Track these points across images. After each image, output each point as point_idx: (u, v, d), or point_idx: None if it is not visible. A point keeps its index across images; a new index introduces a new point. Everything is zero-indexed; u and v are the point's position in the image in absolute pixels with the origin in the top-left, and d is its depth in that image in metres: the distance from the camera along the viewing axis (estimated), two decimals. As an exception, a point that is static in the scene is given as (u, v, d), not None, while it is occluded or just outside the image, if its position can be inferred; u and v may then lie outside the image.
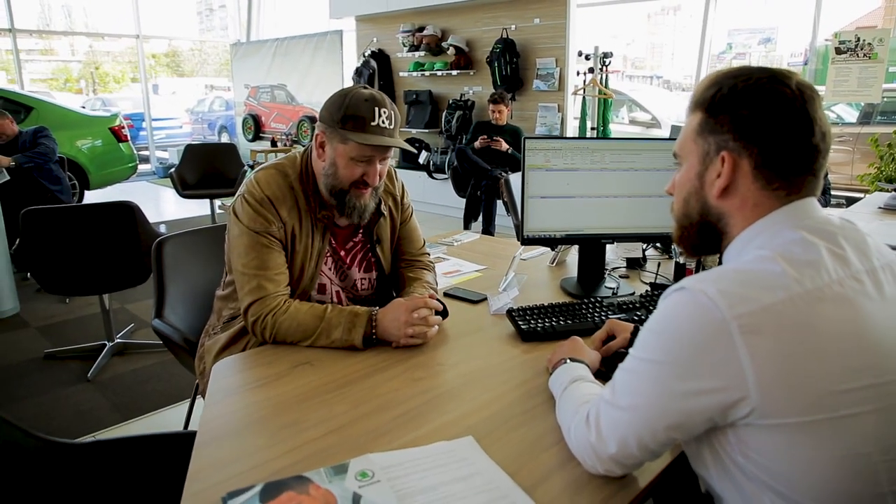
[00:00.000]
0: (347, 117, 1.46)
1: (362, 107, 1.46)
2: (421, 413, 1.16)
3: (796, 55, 13.78)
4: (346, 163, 1.50)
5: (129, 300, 4.04)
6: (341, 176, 1.52)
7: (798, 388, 0.75)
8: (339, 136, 1.48)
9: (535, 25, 6.01)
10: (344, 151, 1.49)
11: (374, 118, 1.46)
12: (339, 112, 1.47)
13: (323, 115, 1.52)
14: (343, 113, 1.46)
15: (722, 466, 0.86)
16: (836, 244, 0.84)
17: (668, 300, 0.85)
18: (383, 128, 1.48)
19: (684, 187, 0.98)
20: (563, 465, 1.00)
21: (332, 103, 1.50)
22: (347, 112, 1.46)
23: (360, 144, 1.46)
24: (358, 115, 1.46)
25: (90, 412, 2.68)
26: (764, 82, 0.87)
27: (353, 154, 1.49)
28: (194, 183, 5.85)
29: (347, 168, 1.50)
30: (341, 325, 1.43)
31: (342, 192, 1.53)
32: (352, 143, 1.47)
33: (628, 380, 0.88)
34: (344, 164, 1.50)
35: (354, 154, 1.49)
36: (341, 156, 1.50)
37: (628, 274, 2.02)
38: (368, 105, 1.46)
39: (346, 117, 1.46)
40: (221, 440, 1.08)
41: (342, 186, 1.53)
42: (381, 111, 1.47)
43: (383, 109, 1.48)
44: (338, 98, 1.49)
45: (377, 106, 1.47)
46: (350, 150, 1.48)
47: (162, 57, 20.33)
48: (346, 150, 1.49)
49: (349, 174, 1.51)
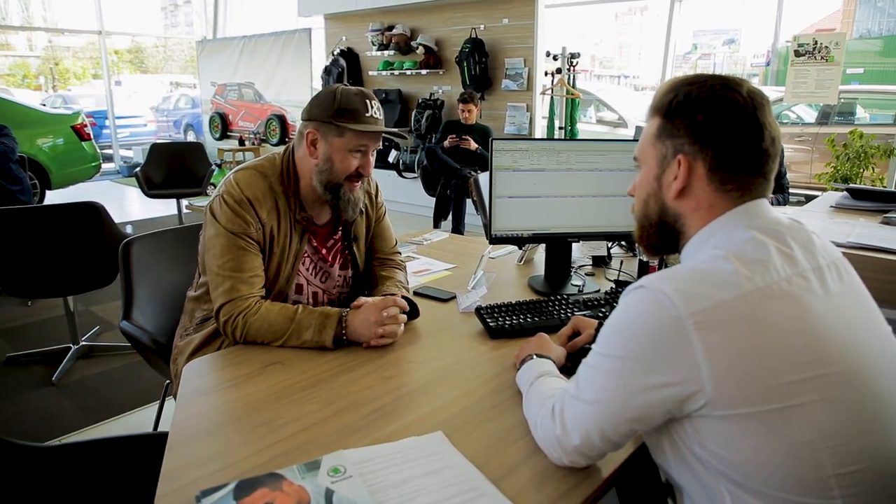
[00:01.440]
0: (343, 110, 1.51)
1: (354, 100, 1.53)
2: (392, 410, 1.19)
3: (759, 56, 14.13)
4: (343, 156, 1.54)
5: (94, 302, 3.97)
6: (337, 170, 1.55)
7: (749, 380, 0.80)
8: (334, 129, 1.53)
9: (503, 25, 6.06)
10: (341, 144, 1.53)
11: (367, 110, 1.53)
12: (333, 107, 1.52)
13: (313, 112, 1.55)
14: (337, 107, 1.52)
15: (680, 456, 0.90)
16: (785, 243, 0.89)
17: (628, 298, 0.88)
18: (376, 118, 1.55)
19: (643, 189, 1.03)
20: (530, 457, 1.03)
21: (323, 100, 1.54)
22: (342, 105, 1.52)
23: (358, 133, 1.52)
24: (352, 107, 1.52)
25: (56, 416, 2.64)
26: (717, 89, 0.92)
27: (350, 145, 1.53)
28: (160, 182, 5.77)
29: (344, 161, 1.55)
30: (312, 326, 1.44)
31: (337, 186, 1.57)
32: (349, 134, 1.52)
33: (591, 375, 0.92)
34: (340, 157, 1.54)
35: (351, 145, 1.54)
36: (337, 149, 1.54)
37: (594, 271, 2.07)
38: (360, 98, 1.53)
39: (342, 110, 1.51)
40: (194, 440, 1.09)
41: (337, 181, 1.56)
42: (371, 103, 1.55)
43: (373, 102, 1.56)
44: (327, 95, 1.54)
45: (368, 99, 1.55)
46: (347, 142, 1.53)
47: (125, 53, 19.94)
48: (342, 143, 1.53)
49: (345, 167, 1.55)
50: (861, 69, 10.47)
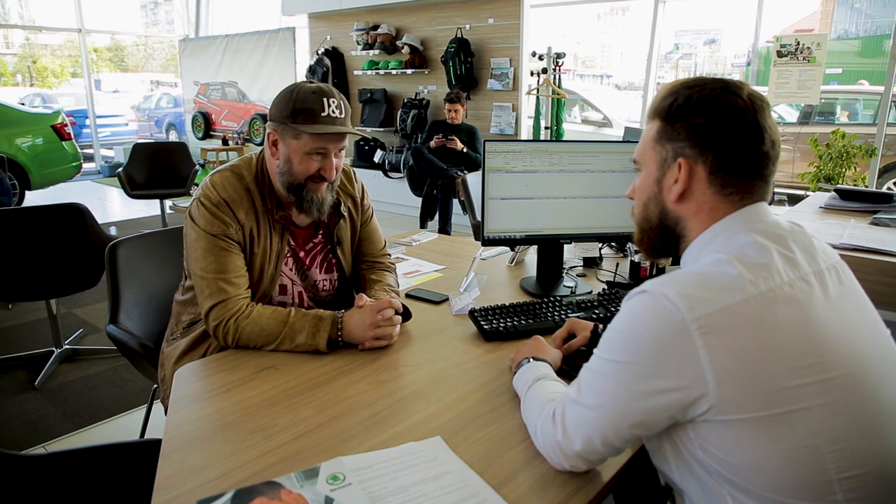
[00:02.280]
0: (297, 111, 1.47)
1: (310, 99, 1.47)
2: (389, 415, 1.17)
3: (739, 56, 14.26)
4: (301, 158, 1.50)
5: (77, 305, 3.91)
6: (296, 171, 1.52)
7: (753, 384, 0.80)
8: (291, 131, 1.48)
9: (489, 25, 6.06)
10: (298, 147, 1.50)
11: (323, 109, 1.47)
12: (289, 107, 1.47)
13: (272, 113, 1.52)
14: (292, 108, 1.47)
15: (682, 461, 0.90)
16: (787, 247, 0.89)
17: (631, 302, 0.88)
18: (334, 117, 1.48)
19: (644, 192, 1.02)
20: (530, 462, 1.02)
21: (281, 100, 1.51)
22: (296, 106, 1.47)
23: (314, 136, 1.47)
24: (307, 107, 1.46)
25: (40, 422, 2.59)
26: (717, 92, 0.92)
27: (307, 148, 1.49)
28: (143, 182, 5.69)
29: (302, 163, 1.51)
30: (305, 329, 1.43)
31: (299, 186, 1.53)
32: (305, 137, 1.48)
33: (593, 379, 0.92)
34: (298, 159, 1.51)
35: (308, 148, 1.49)
36: (295, 151, 1.50)
37: (585, 273, 2.07)
38: (316, 97, 1.47)
39: (296, 111, 1.47)
40: (188, 447, 1.07)
41: (298, 181, 1.53)
42: (329, 101, 1.48)
43: (332, 99, 1.49)
44: (285, 94, 1.50)
45: (325, 97, 1.48)
46: (304, 145, 1.49)
47: (104, 51, 19.71)
48: (299, 145, 1.49)
49: (304, 169, 1.51)
50: (840, 69, 10.61)
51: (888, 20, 13.40)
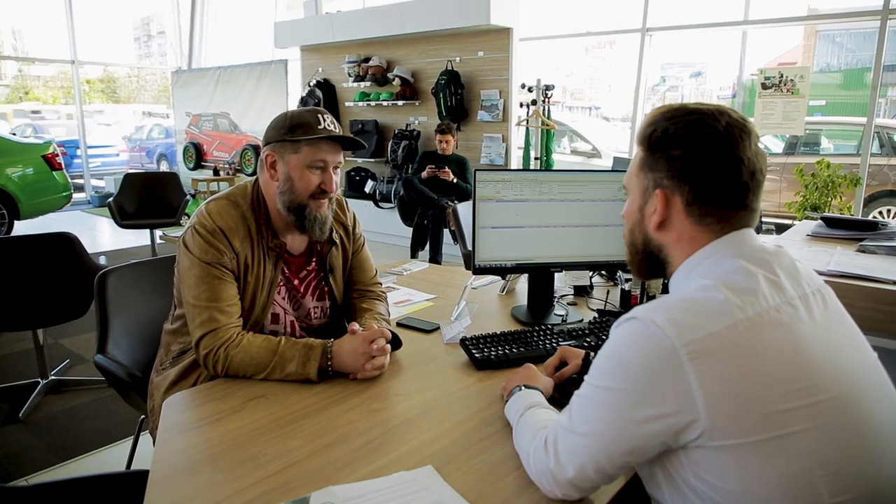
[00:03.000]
0: (294, 126, 1.51)
1: (306, 115, 1.53)
2: (380, 444, 1.17)
3: (725, 89, 14.53)
4: (301, 173, 1.53)
5: (64, 335, 3.87)
6: (298, 188, 1.53)
7: (743, 409, 0.80)
8: (290, 146, 1.52)
9: (479, 58, 6.16)
10: (298, 161, 1.52)
11: (319, 122, 1.53)
12: (286, 125, 1.53)
13: (269, 135, 1.56)
14: (289, 124, 1.52)
15: (675, 487, 0.90)
16: (772, 272, 0.90)
17: (620, 329, 0.89)
18: (329, 130, 1.53)
19: (630, 218, 1.04)
20: (522, 491, 1.02)
21: (277, 123, 1.56)
22: (293, 122, 1.52)
23: (312, 144, 1.51)
24: (304, 122, 1.52)
25: (24, 454, 2.54)
26: (693, 125, 0.92)
27: (307, 161, 1.52)
28: (133, 212, 5.68)
29: (303, 179, 1.53)
30: (296, 358, 1.42)
31: (301, 206, 1.55)
32: (305, 148, 1.52)
33: (584, 407, 0.92)
34: (299, 174, 1.53)
35: (308, 160, 1.52)
36: (295, 167, 1.53)
37: (576, 301, 2.08)
38: (312, 114, 1.54)
39: (294, 127, 1.51)
40: (177, 478, 1.05)
41: (301, 201, 1.54)
42: (324, 116, 1.54)
43: (326, 116, 1.55)
44: (280, 117, 1.56)
45: (320, 114, 1.54)
46: (304, 157, 1.52)
47: (97, 83, 19.80)
48: (299, 159, 1.52)
49: (306, 185, 1.53)
50: (823, 101, 10.83)
51: (868, 54, 13.73)
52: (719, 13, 6.88)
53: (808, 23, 10.43)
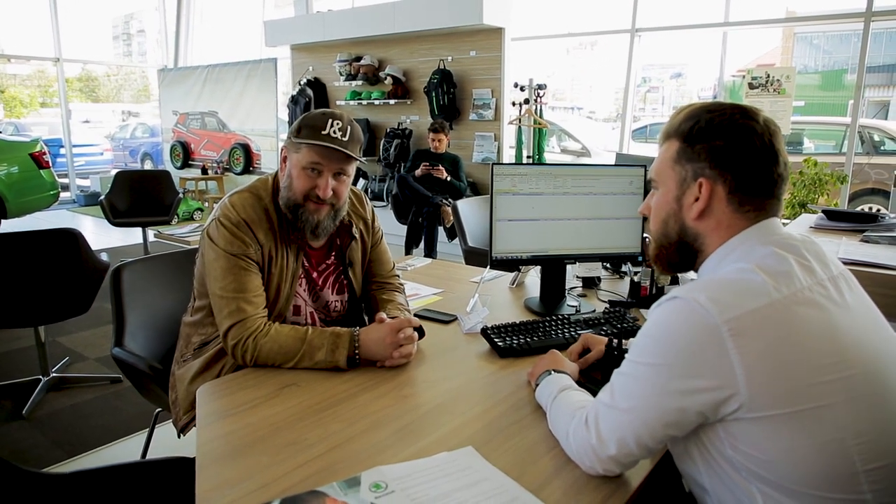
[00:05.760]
0: (302, 127, 1.53)
1: (317, 118, 1.53)
2: (417, 428, 1.20)
3: (706, 89, 14.73)
4: (299, 172, 1.55)
5: (62, 333, 3.83)
6: (295, 187, 1.56)
7: (781, 382, 0.85)
8: (293, 145, 1.55)
9: (471, 57, 6.20)
10: (297, 161, 1.55)
11: (325, 127, 1.51)
12: (297, 124, 1.55)
13: (289, 132, 1.59)
14: (300, 124, 1.54)
15: (710, 461, 0.94)
16: (802, 256, 0.96)
17: (663, 308, 0.93)
18: (334, 137, 1.52)
19: (662, 209, 1.08)
20: (561, 469, 1.06)
21: (296, 120, 1.58)
22: (303, 123, 1.54)
23: (310, 148, 1.52)
24: (312, 124, 1.52)
25: (30, 450, 2.53)
26: (737, 117, 0.98)
27: (304, 161, 1.54)
28: (125, 210, 5.65)
29: (300, 178, 1.55)
30: (324, 346, 1.45)
31: (296, 206, 1.57)
32: (303, 149, 1.53)
33: (626, 383, 0.96)
34: (297, 173, 1.55)
35: (305, 161, 1.54)
36: (295, 165, 1.55)
37: (585, 293, 2.13)
38: (323, 117, 1.53)
39: (301, 127, 1.53)
40: (223, 461, 1.08)
41: (297, 200, 1.56)
42: (334, 122, 1.52)
43: (337, 122, 1.53)
44: (301, 116, 1.58)
45: (331, 118, 1.53)
46: (301, 158, 1.54)
47: (75, 81, 19.54)
48: (299, 159, 1.55)
49: (301, 185, 1.55)
50: (802, 102, 11.04)
51: (844, 56, 14.02)
52: (700, 15, 6.99)
53: (789, 24, 10.62)
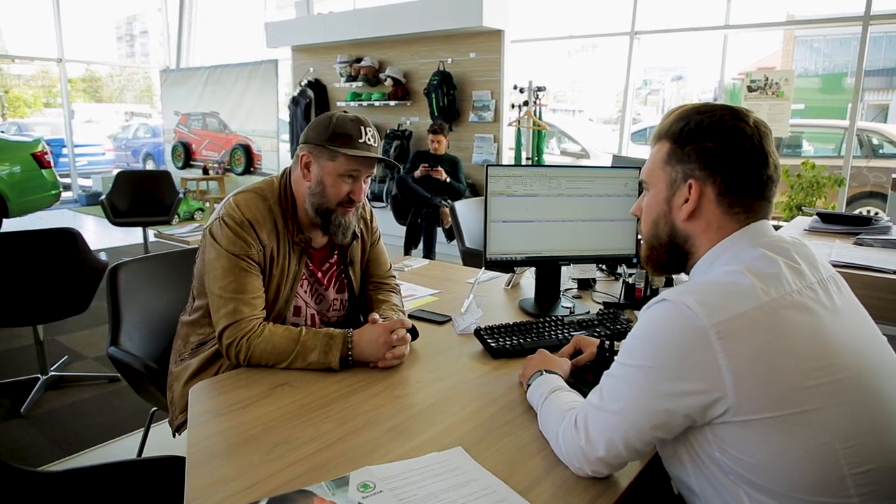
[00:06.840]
0: (336, 135, 1.53)
1: (349, 125, 1.54)
2: (408, 427, 1.20)
3: (706, 92, 14.74)
4: (334, 180, 1.56)
5: (60, 332, 3.84)
6: (329, 194, 1.57)
7: (768, 386, 0.85)
8: (327, 153, 1.55)
9: (470, 59, 6.21)
10: (332, 168, 1.55)
11: (360, 136, 1.54)
12: (327, 131, 1.54)
13: (308, 135, 1.58)
14: (331, 131, 1.54)
15: (699, 464, 0.94)
16: (792, 259, 0.96)
17: (652, 311, 0.93)
18: (369, 145, 1.56)
19: (653, 211, 1.08)
20: (551, 470, 1.06)
21: (318, 125, 1.57)
22: (335, 130, 1.53)
23: (349, 158, 1.53)
24: (346, 132, 1.53)
25: (28, 448, 2.54)
26: (727, 119, 0.99)
27: (341, 170, 1.55)
28: (126, 210, 5.66)
29: (335, 186, 1.56)
30: (317, 347, 1.45)
31: (328, 211, 1.58)
32: (340, 159, 1.54)
33: (615, 385, 0.96)
34: (332, 181, 1.56)
35: (342, 170, 1.55)
36: (329, 173, 1.56)
37: (580, 294, 2.13)
38: (355, 124, 1.55)
39: (335, 135, 1.53)
40: (214, 460, 1.08)
41: (329, 206, 1.58)
42: (366, 129, 1.56)
43: (368, 129, 1.57)
44: (324, 120, 1.57)
45: (363, 125, 1.56)
46: (338, 167, 1.55)
47: (78, 82, 19.58)
48: (334, 167, 1.55)
49: (336, 192, 1.57)
50: (802, 105, 11.05)
51: (844, 59, 14.02)
52: (701, 18, 7.00)
53: (788, 27, 10.62)
